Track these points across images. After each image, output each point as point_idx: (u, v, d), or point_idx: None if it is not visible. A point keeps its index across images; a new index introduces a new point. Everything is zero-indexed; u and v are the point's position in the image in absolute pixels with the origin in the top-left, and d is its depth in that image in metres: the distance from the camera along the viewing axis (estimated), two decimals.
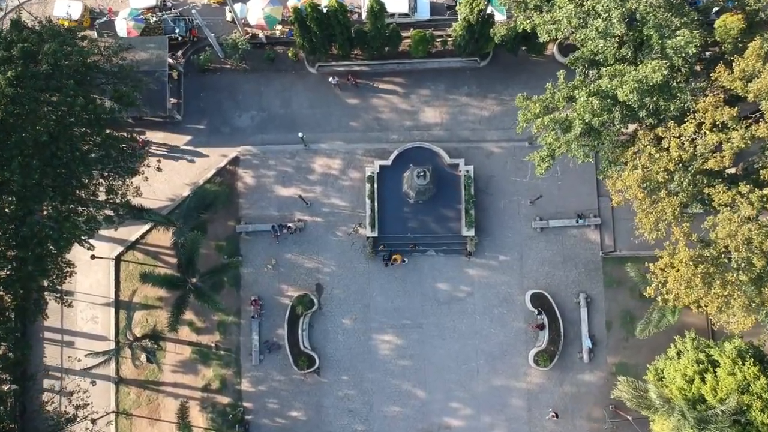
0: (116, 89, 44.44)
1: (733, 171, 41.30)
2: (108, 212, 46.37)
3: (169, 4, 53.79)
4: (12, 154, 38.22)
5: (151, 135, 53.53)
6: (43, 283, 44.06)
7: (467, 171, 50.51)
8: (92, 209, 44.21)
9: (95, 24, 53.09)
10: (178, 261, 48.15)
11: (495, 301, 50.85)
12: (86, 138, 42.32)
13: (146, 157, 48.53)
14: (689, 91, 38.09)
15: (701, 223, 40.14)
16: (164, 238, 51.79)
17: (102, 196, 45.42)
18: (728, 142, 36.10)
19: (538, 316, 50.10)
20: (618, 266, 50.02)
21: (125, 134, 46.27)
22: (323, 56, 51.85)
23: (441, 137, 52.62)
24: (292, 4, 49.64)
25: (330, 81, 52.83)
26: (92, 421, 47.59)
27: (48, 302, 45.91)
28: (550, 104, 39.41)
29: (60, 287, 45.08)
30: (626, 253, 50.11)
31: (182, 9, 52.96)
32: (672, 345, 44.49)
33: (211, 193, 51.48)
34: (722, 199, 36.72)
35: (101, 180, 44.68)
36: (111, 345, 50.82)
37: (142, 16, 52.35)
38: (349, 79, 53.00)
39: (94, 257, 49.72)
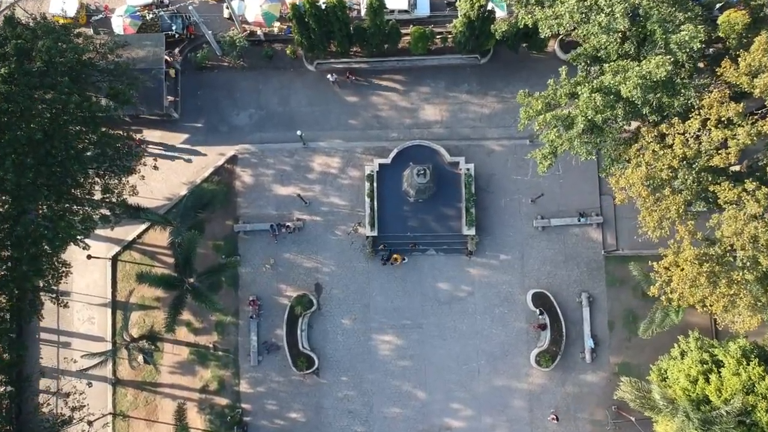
0: (112, 87, 43.82)
1: (738, 168, 40.75)
2: (104, 211, 45.74)
3: (166, 1, 53.27)
4: (6, 153, 37.66)
5: (148, 133, 53.04)
6: (39, 284, 43.44)
7: (468, 169, 50.04)
8: (88, 208, 43.60)
9: (91, 21, 52.55)
10: (175, 261, 47.62)
11: (496, 301, 50.37)
12: (81, 136, 41.72)
13: (143, 156, 47.93)
14: (693, 88, 37.60)
15: (706, 222, 39.72)
16: (161, 238, 51.26)
17: (98, 195, 44.85)
18: (734, 139, 35.57)
19: (540, 316, 49.61)
20: (620, 265, 49.58)
21: (121, 132, 45.66)
22: (322, 53, 51.39)
23: (441, 135, 52.14)
24: (291, 1, 49.15)
25: (329, 78, 52.32)
26: (89, 423, 46.97)
27: (44, 303, 45.40)
28: (552, 101, 38.89)
29: (56, 287, 44.53)
30: (629, 252, 49.68)
31: (179, 6, 52.24)
32: (675, 345, 44.12)
33: (209, 192, 51.00)
34: (728, 197, 36.22)
35: (97, 179, 44.11)
36: (108, 346, 50.31)
37: (139, 13, 51.83)
38: (348, 77, 52.46)
39: (91, 257, 49.27)
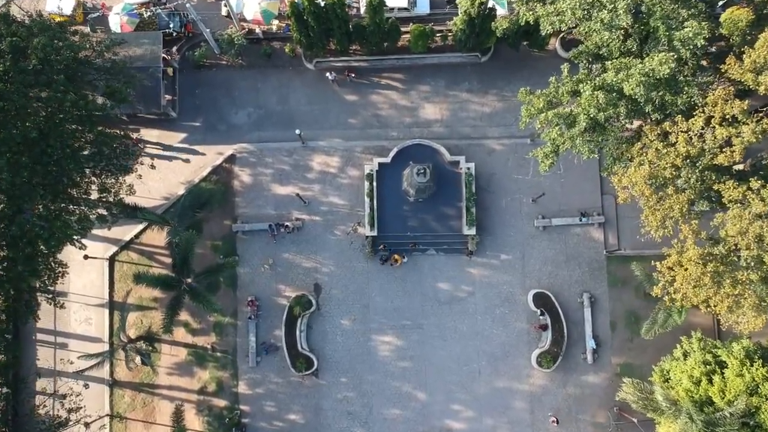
0: (108, 85, 43.43)
1: (742, 167, 40.33)
2: (101, 211, 45.38)
3: None
4: (0, 151, 37.20)
5: (146, 132, 52.62)
6: (35, 284, 43.02)
7: (468, 168, 49.63)
8: (84, 208, 43.24)
9: (88, 19, 52.11)
10: (173, 261, 47.20)
11: (497, 301, 49.94)
12: (77, 135, 41.31)
13: (140, 155, 47.50)
14: (696, 86, 37.17)
15: (709, 221, 39.30)
16: (159, 238, 50.88)
17: (95, 195, 44.46)
18: (738, 137, 35.13)
19: (541, 317, 49.18)
20: (622, 265, 49.16)
21: (118, 131, 45.22)
22: (321, 52, 50.99)
23: (441, 134, 51.72)
24: None
25: (328, 77, 51.90)
26: (85, 425, 46.63)
27: (40, 303, 45.00)
28: (554, 99, 38.47)
29: (52, 288, 44.18)
30: (631, 252, 49.25)
31: (177, 4, 51.86)
32: (678, 345, 43.70)
33: (207, 192, 50.57)
34: (732, 195, 35.79)
35: (93, 178, 43.71)
36: (105, 347, 49.82)
37: (136, 11, 51.43)
38: (348, 75, 52.08)
39: (87, 257, 48.87)
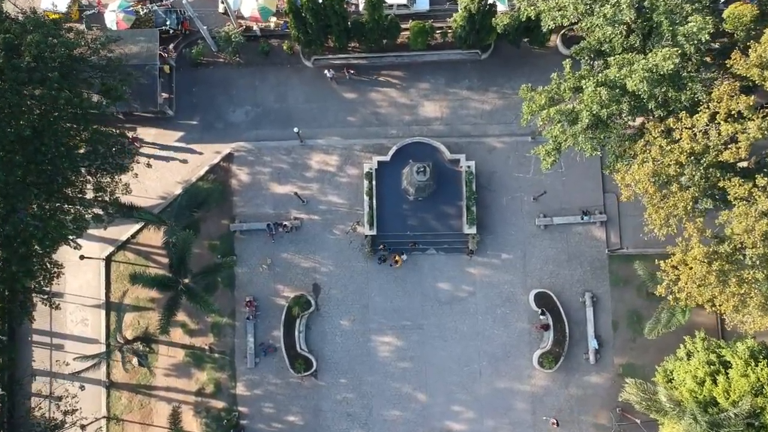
0: (104, 83, 42.89)
1: (746, 165, 39.80)
2: (97, 210, 44.86)
3: None
4: None
5: (143, 131, 52.16)
6: (30, 285, 42.44)
7: (468, 167, 49.13)
8: (80, 207, 42.68)
9: (83, 16, 51.60)
10: (170, 261, 46.72)
11: (498, 301, 49.43)
12: (72, 133, 40.74)
13: (136, 154, 46.96)
14: (699, 82, 36.66)
15: (713, 219, 38.84)
16: (156, 238, 50.35)
17: (90, 194, 43.93)
18: (744, 133, 34.62)
19: (542, 317, 48.67)
20: (624, 264, 48.66)
21: (114, 130, 44.68)
22: (319, 49, 50.48)
23: (441, 132, 51.22)
24: None
25: (326, 74, 51.42)
26: (81, 427, 46.05)
27: (35, 304, 44.51)
28: (556, 95, 37.96)
29: (47, 288, 43.65)
30: (633, 251, 48.72)
31: (173, 1, 51.43)
32: (681, 345, 43.19)
33: (204, 191, 50.17)
34: (738, 193, 35.26)
35: (89, 177, 43.15)
36: (101, 348, 49.40)
37: (132, 8, 51.00)
38: (346, 72, 51.56)
39: (84, 257, 48.39)
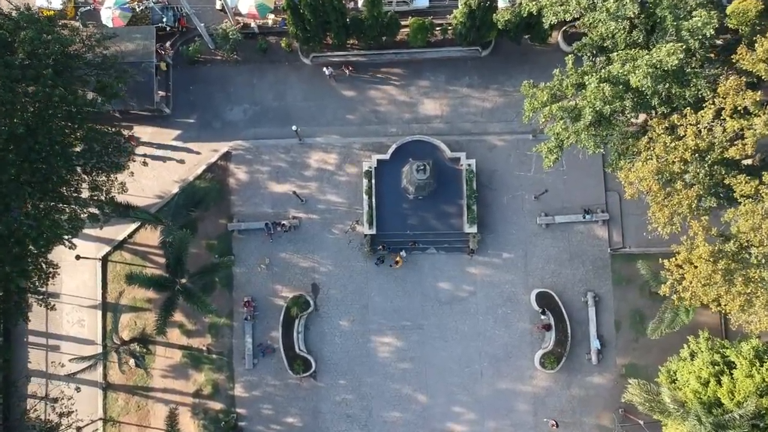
0: (99, 80, 42.33)
1: (750, 162, 39.27)
2: (92, 210, 44.26)
3: None
4: None
5: (139, 129, 51.57)
6: (25, 285, 41.87)
7: (469, 165, 48.57)
8: (75, 207, 42.11)
9: (78, 13, 51.01)
10: (167, 261, 46.17)
11: (499, 301, 48.90)
12: (67, 131, 40.16)
13: (132, 152, 46.42)
14: (704, 78, 36.12)
15: (717, 217, 38.31)
16: (153, 237, 49.82)
17: (86, 193, 43.33)
18: (750, 129, 34.07)
19: (543, 317, 48.15)
20: (627, 263, 48.17)
21: (109, 128, 44.12)
22: (318, 46, 49.89)
23: (441, 130, 50.66)
24: None
25: (325, 72, 50.88)
26: (77, 429, 45.49)
27: (31, 305, 43.98)
28: (558, 92, 37.38)
29: (43, 289, 43.17)
30: (636, 250, 48.23)
31: None
32: (685, 345, 42.71)
33: (202, 190, 49.60)
34: (744, 190, 34.71)
35: (84, 176, 42.61)
36: (98, 349, 48.88)
37: (129, 5, 50.34)
38: (345, 69, 51.03)
39: (80, 257, 47.80)
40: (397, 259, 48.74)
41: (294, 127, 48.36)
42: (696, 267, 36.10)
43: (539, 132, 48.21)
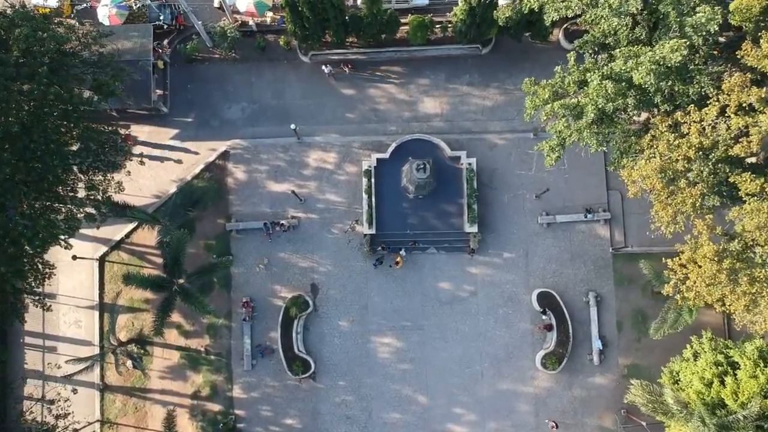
0: (95, 78, 41.90)
1: (754, 160, 38.84)
2: (89, 210, 43.86)
3: None
4: None
5: (137, 128, 51.18)
6: (21, 286, 41.41)
7: (469, 164, 48.16)
8: (71, 206, 41.70)
9: (74, 10, 50.59)
10: (164, 261, 45.75)
11: (500, 301, 48.47)
12: (62, 130, 39.73)
13: (129, 151, 45.99)
14: (707, 75, 35.68)
15: (721, 216, 37.84)
16: (150, 237, 49.42)
17: (82, 193, 42.94)
18: (755, 126, 33.60)
19: (545, 317, 47.74)
20: (629, 263, 47.76)
21: (105, 127, 43.71)
22: (316, 44, 49.42)
23: (441, 129, 50.24)
24: None
25: (324, 70, 50.45)
26: (74, 431, 45.07)
27: (27, 306, 43.59)
28: (560, 89, 36.89)
29: (39, 290, 42.76)
30: (638, 249, 47.77)
31: None
32: (688, 346, 42.25)
33: (200, 189, 49.12)
34: (750, 189, 34.23)
35: (80, 175, 42.18)
36: (95, 350, 48.45)
37: (125, 3, 49.96)
38: (343, 67, 50.62)
39: (76, 257, 47.36)
40: (398, 260, 48.31)
41: (293, 126, 48.00)
42: (700, 266, 35.66)
43: (540, 130, 47.82)
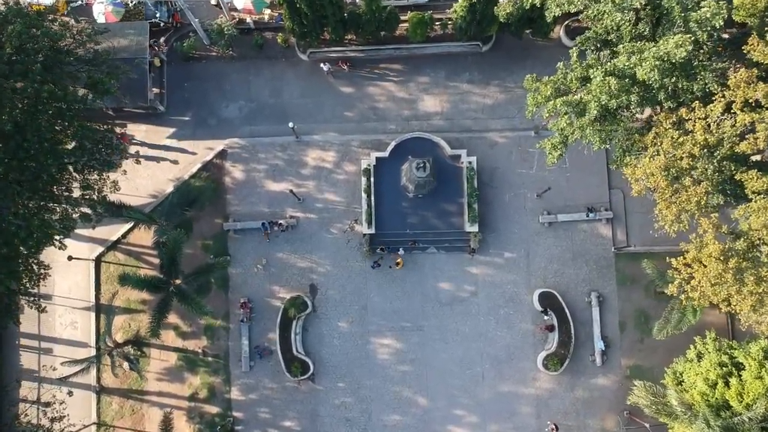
0: (90, 76, 41.31)
1: (759, 158, 38.30)
2: (84, 209, 43.33)
3: None
4: None
5: (133, 127, 50.73)
6: (15, 287, 40.86)
7: (470, 162, 47.66)
8: (66, 206, 41.18)
9: (69, 8, 50.08)
10: (161, 261, 45.22)
11: (500, 302, 47.96)
12: (57, 128, 39.18)
13: (125, 150, 45.46)
14: (712, 71, 35.16)
15: (726, 215, 37.34)
16: (147, 238, 48.86)
17: (77, 192, 42.38)
18: (762, 123, 33.08)
19: (546, 317, 47.22)
20: (631, 262, 47.20)
21: (100, 125, 43.20)
22: (315, 41, 48.93)
23: (441, 127, 49.74)
24: None
25: (322, 68, 49.94)
26: None
27: (21, 307, 43.05)
28: (562, 86, 36.36)
29: (34, 290, 42.21)
30: (640, 249, 47.24)
31: None
32: (692, 346, 41.75)
33: (197, 189, 48.66)
34: (756, 186, 33.73)
35: (75, 174, 41.64)
36: (91, 352, 47.92)
37: (121, 1, 49.56)
38: (342, 65, 50.17)
39: (72, 258, 46.95)
40: (398, 261, 47.78)
41: (291, 125, 47.52)
42: (705, 266, 35.13)
43: (542, 128, 47.36)
